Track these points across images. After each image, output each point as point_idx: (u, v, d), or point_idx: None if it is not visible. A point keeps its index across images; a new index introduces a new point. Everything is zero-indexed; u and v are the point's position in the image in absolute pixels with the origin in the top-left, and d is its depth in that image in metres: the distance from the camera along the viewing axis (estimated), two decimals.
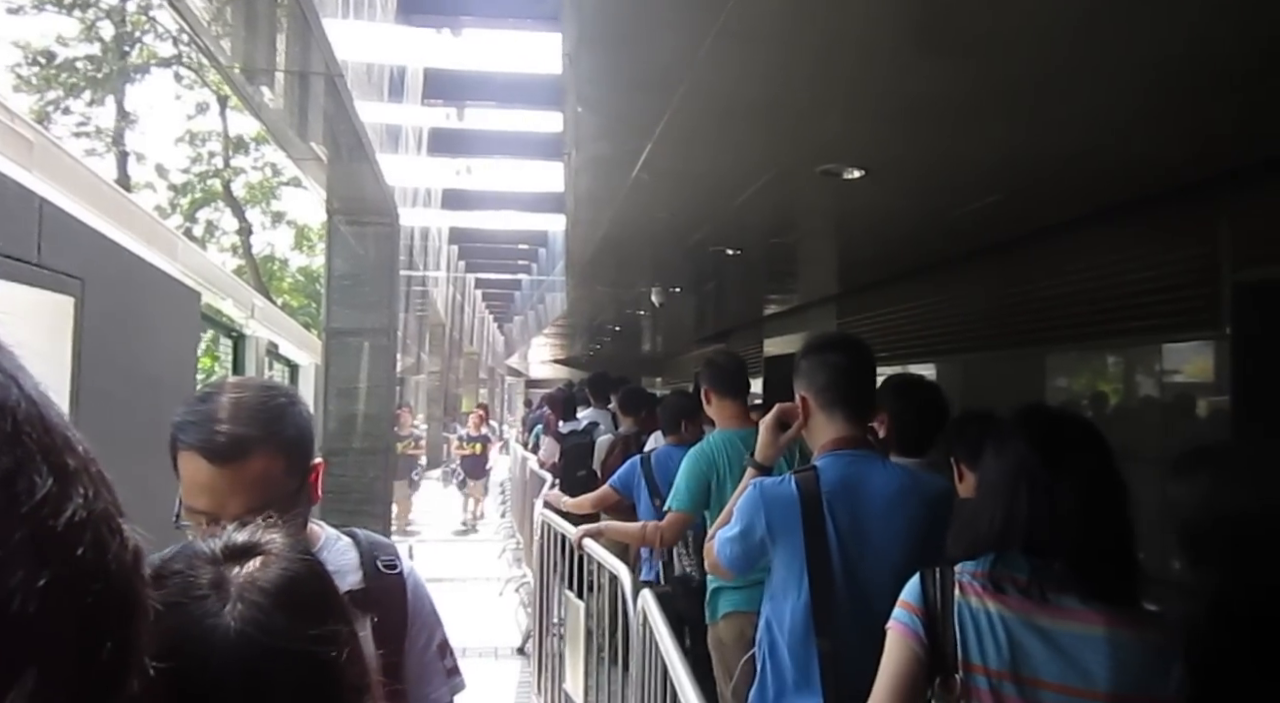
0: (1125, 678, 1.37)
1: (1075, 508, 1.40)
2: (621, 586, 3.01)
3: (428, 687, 1.51)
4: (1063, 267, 5.31)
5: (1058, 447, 1.46)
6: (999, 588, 1.44)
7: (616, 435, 6.01)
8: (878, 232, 5.99)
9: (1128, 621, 1.41)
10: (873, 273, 7.76)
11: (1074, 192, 4.44)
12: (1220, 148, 3.67)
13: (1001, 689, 1.39)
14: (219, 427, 1.30)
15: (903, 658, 1.47)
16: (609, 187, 4.86)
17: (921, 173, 4.17)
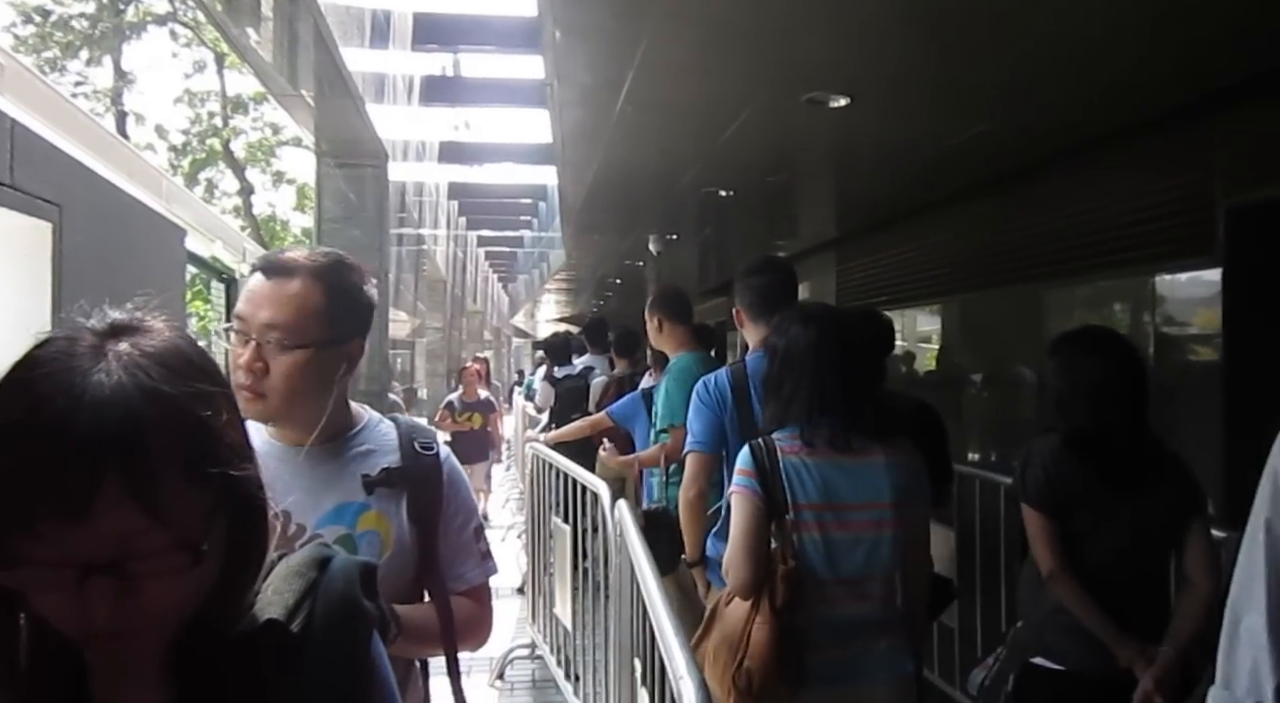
0: (900, 488, 1.90)
1: (862, 379, 1.93)
2: (602, 504, 3.04)
3: (462, 566, 1.56)
4: (1057, 200, 5.26)
5: (842, 336, 1.98)
6: (810, 444, 1.92)
7: (611, 376, 6.03)
8: (870, 167, 5.94)
9: (898, 450, 1.94)
10: (869, 215, 7.71)
11: (1063, 119, 4.38)
12: (1208, 65, 3.61)
13: (822, 517, 1.89)
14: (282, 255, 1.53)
15: (748, 512, 1.90)
16: (595, 121, 4.82)
17: (907, 98, 4.12)
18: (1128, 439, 2.04)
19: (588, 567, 3.58)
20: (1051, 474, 2.08)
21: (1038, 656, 2.09)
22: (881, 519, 1.89)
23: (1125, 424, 2.04)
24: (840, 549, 1.87)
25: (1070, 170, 5.09)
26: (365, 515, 1.48)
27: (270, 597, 0.84)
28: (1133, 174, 4.58)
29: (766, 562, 1.88)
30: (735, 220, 8.04)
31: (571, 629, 3.87)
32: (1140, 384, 2.11)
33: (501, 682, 4.61)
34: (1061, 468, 2.06)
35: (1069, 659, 2.03)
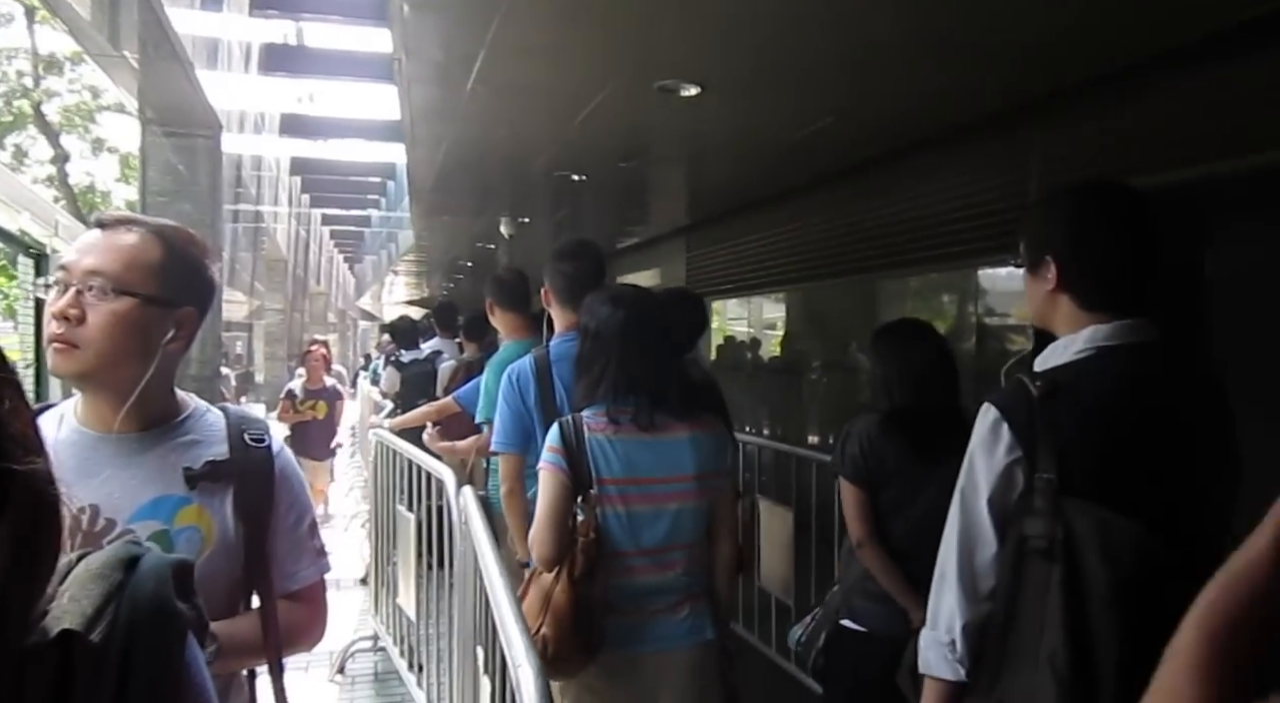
0: (702, 461, 1.99)
1: (668, 360, 2.02)
2: (446, 490, 2.98)
3: (296, 565, 1.49)
4: (892, 195, 5.53)
5: (649, 317, 2.05)
6: (616, 422, 1.98)
7: (459, 361, 5.91)
8: (719, 156, 6.05)
9: (702, 425, 2.03)
10: (719, 204, 7.87)
11: (900, 118, 4.60)
12: (1028, 77, 3.87)
13: (625, 491, 1.96)
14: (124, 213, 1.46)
15: (554, 487, 1.96)
16: (446, 99, 4.69)
17: (755, 91, 4.22)
18: (937, 418, 2.22)
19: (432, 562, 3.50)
20: (867, 451, 2.25)
21: (845, 618, 2.27)
22: (684, 492, 1.97)
23: (941, 404, 2.23)
24: (643, 521, 1.95)
25: (905, 167, 5.36)
26: (185, 510, 1.37)
27: (66, 605, 0.75)
28: (960, 173, 4.86)
29: (570, 535, 1.94)
30: (588, 205, 8.04)
31: (415, 619, 3.79)
32: (953, 369, 2.33)
33: (342, 676, 4.46)
34: (876, 445, 2.24)
35: (871, 622, 2.21)
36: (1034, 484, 1.34)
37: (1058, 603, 1.29)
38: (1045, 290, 1.47)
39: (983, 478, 1.40)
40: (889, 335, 2.41)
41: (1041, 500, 1.32)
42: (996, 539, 1.38)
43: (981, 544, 1.40)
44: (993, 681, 1.36)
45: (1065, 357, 1.42)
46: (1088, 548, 1.29)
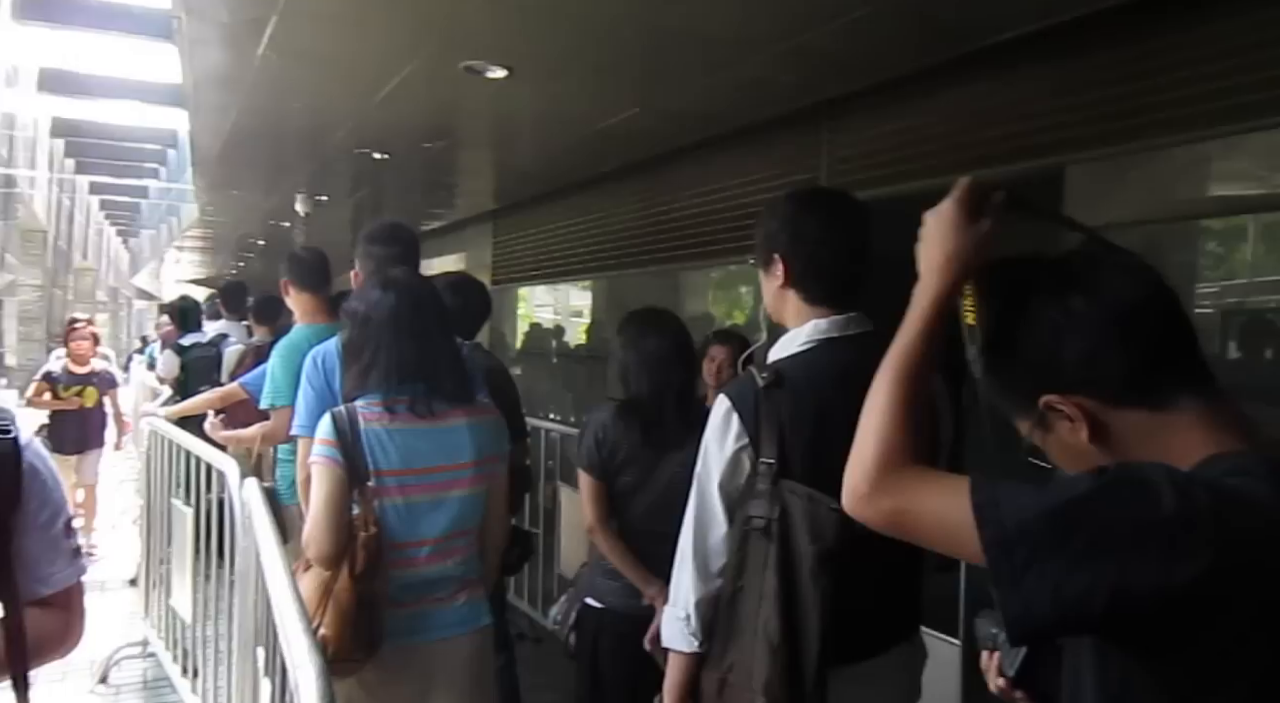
0: (481, 447, 1.97)
1: (443, 346, 1.96)
2: (228, 483, 2.79)
3: (50, 567, 1.35)
4: (695, 187, 5.69)
5: (423, 302, 2.00)
6: (391, 411, 1.91)
7: (249, 345, 5.55)
8: (527, 141, 6.00)
9: (479, 411, 2.01)
10: (527, 189, 7.81)
11: (704, 111, 4.73)
12: (822, 78, 4.08)
13: (404, 482, 1.90)
14: None
15: (330, 482, 1.88)
16: (233, 65, 4.37)
17: (563, 76, 4.21)
18: (675, 404, 2.31)
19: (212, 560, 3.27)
20: (602, 440, 2.33)
21: (589, 596, 2.39)
22: (464, 479, 1.96)
23: (674, 391, 2.32)
24: (423, 512, 1.92)
25: (709, 160, 5.52)
26: None
27: None
28: (759, 168, 5.07)
29: (348, 530, 1.87)
30: (391, 185, 7.75)
31: (191, 621, 3.53)
32: (690, 358, 2.44)
33: (105, 686, 4.09)
34: (611, 434, 2.31)
35: (609, 598, 2.33)
36: (757, 469, 1.46)
37: (773, 577, 1.42)
38: (775, 287, 1.60)
39: (715, 464, 1.50)
40: (628, 324, 2.49)
41: (763, 483, 1.44)
42: (726, 521, 1.49)
43: (713, 526, 1.50)
44: (723, 651, 1.48)
45: (792, 349, 1.55)
46: (797, 526, 1.42)
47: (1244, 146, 2.87)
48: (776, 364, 1.53)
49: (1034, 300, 0.92)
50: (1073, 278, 0.92)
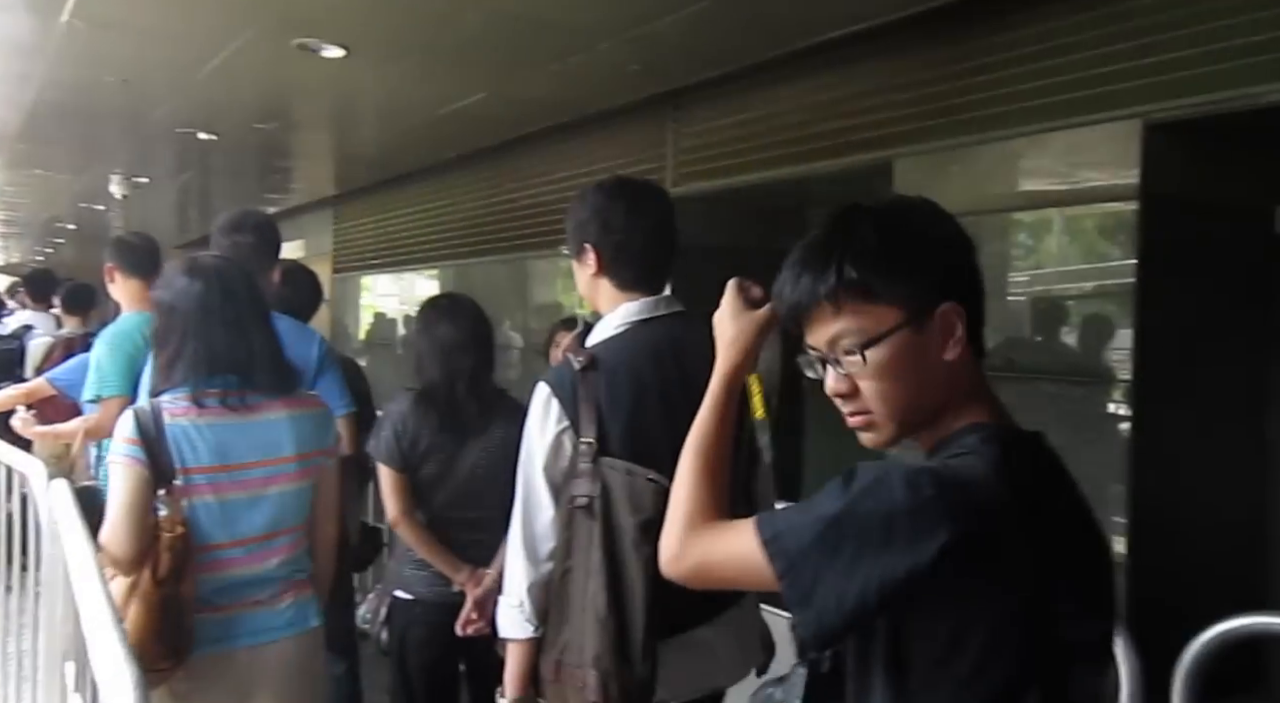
0: (303, 441, 1.87)
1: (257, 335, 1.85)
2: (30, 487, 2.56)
3: None
4: (543, 174, 5.65)
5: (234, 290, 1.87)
6: (200, 405, 1.79)
7: (57, 337, 5.11)
8: (368, 125, 5.80)
9: (300, 403, 1.90)
10: (371, 174, 7.55)
11: (550, 98, 4.70)
12: (667, 68, 4.13)
13: (216, 479, 1.79)
14: None
15: (131, 482, 1.75)
16: (33, 31, 4.00)
17: (404, 58, 4.08)
18: (467, 390, 2.30)
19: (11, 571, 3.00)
20: (400, 433, 2.30)
21: (398, 588, 2.36)
22: (284, 474, 1.86)
23: (467, 377, 2.31)
24: (238, 510, 1.81)
25: (557, 147, 5.50)
26: None
27: None
28: (607, 157, 5.08)
29: (152, 532, 1.75)
30: (220, 167, 7.32)
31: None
32: (486, 345, 2.42)
33: None
34: (410, 426, 2.28)
35: (418, 589, 2.32)
36: (578, 449, 1.49)
37: (597, 553, 1.45)
38: (588, 275, 1.64)
39: (537, 450, 1.53)
40: (422, 312, 2.47)
41: (584, 463, 1.48)
42: (552, 504, 1.52)
43: (540, 510, 1.52)
44: (557, 633, 1.50)
45: (607, 332, 1.60)
46: (618, 500, 1.46)
47: (1049, 144, 3.11)
48: (592, 348, 1.57)
49: (914, 219, 0.98)
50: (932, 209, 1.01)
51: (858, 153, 3.69)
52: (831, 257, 0.93)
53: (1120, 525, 2.88)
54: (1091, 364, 3.01)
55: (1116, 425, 2.90)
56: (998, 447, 0.88)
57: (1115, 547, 2.88)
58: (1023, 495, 0.85)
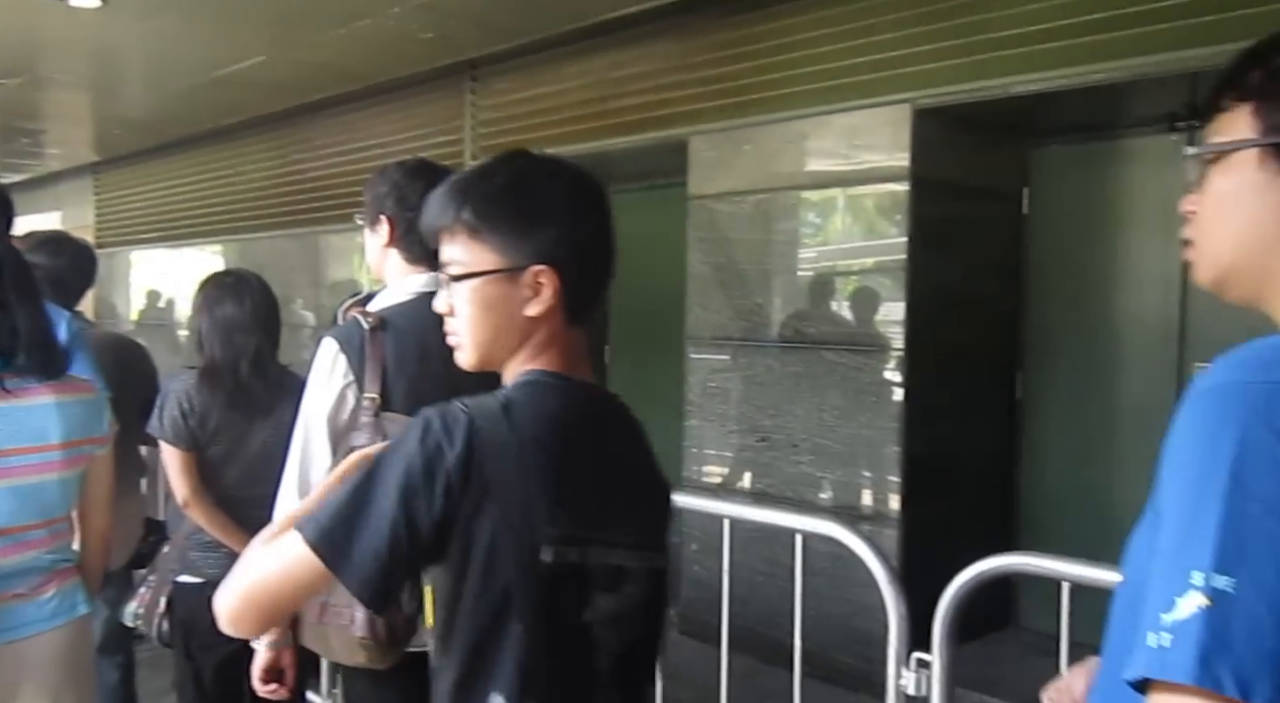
0: (71, 428, 1.80)
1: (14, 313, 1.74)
2: None
3: None
4: (336, 145, 5.38)
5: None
6: None
7: None
8: (135, 85, 5.30)
9: (70, 388, 1.84)
10: (139, 139, 6.90)
11: (338, 64, 4.47)
12: (464, 37, 4.02)
13: None
14: None
15: None
16: None
17: (170, 10, 3.74)
18: (252, 371, 2.29)
19: None
20: (187, 411, 2.27)
21: (183, 574, 2.32)
22: (48, 463, 1.77)
23: (251, 358, 2.30)
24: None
25: (350, 116, 5.24)
26: None
27: None
28: (404, 128, 4.91)
29: None
30: None
31: None
32: (271, 324, 2.41)
33: None
34: (197, 404, 2.26)
35: (208, 571, 2.29)
36: (361, 403, 1.59)
37: None
38: (380, 245, 1.73)
39: (321, 399, 1.60)
40: (204, 289, 2.42)
41: (366, 416, 1.58)
42: (331, 453, 1.59)
43: (317, 458, 1.60)
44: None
45: (395, 299, 1.69)
46: None
47: (832, 126, 3.28)
48: (380, 312, 1.65)
49: (541, 183, 1.03)
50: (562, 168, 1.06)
51: (653, 130, 3.75)
52: (463, 194, 1.01)
53: (895, 484, 3.12)
54: (869, 334, 3.23)
55: (891, 391, 3.13)
56: (527, 390, 0.99)
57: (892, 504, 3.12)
58: (524, 431, 0.95)
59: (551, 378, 1.02)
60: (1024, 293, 3.43)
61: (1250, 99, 0.73)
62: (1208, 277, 0.77)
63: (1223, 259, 0.75)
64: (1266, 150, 0.71)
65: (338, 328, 1.67)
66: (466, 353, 1.05)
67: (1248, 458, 0.58)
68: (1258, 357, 0.63)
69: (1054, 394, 3.38)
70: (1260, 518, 0.57)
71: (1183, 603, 0.57)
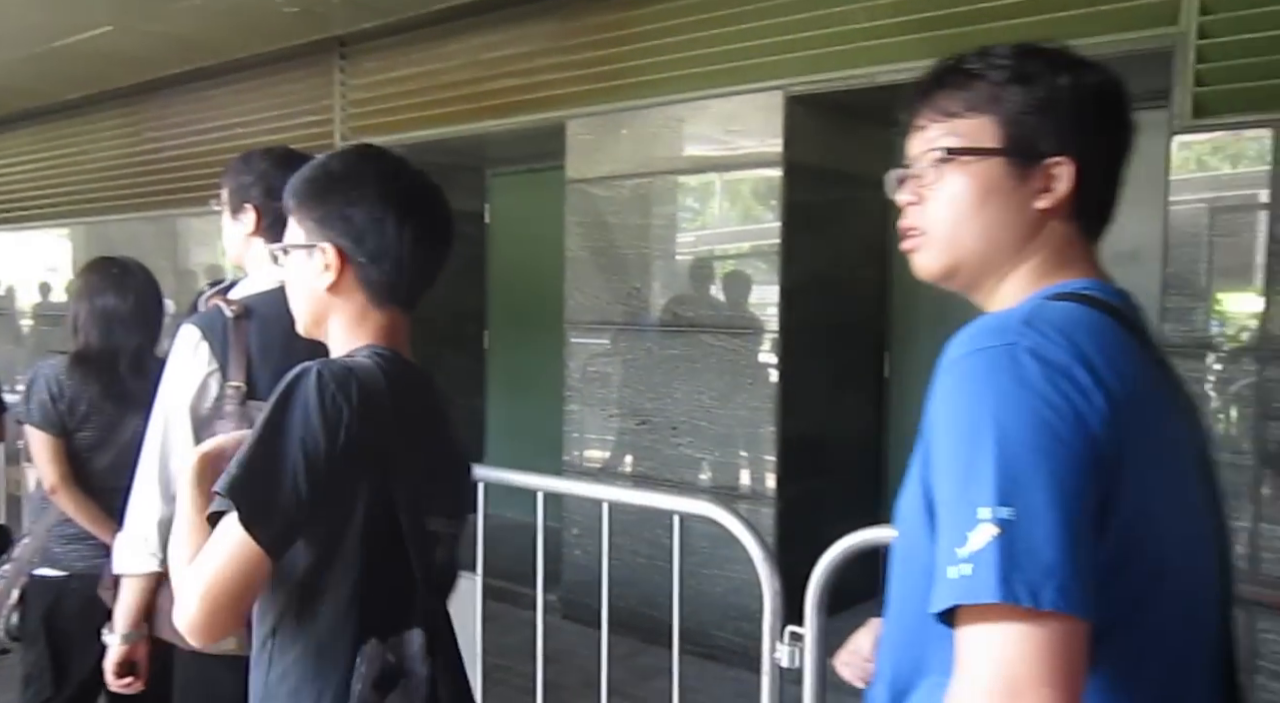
0: None
1: None
2: None
3: None
4: (195, 123, 5.10)
5: None
6: None
7: None
8: None
9: None
10: None
11: (195, 37, 4.23)
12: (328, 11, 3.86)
13: None
14: None
15: None
16: None
17: None
18: (130, 366, 2.25)
19: None
20: (57, 395, 2.23)
21: (41, 567, 2.27)
22: None
23: (130, 353, 2.26)
24: None
25: (208, 93, 4.98)
26: None
27: None
28: (267, 105, 4.69)
29: None
30: None
31: None
32: (153, 315, 2.36)
33: None
34: (68, 388, 2.22)
35: (72, 564, 2.25)
36: (225, 392, 1.58)
37: None
38: (244, 234, 1.72)
39: (182, 389, 1.59)
40: (85, 276, 2.38)
41: (230, 405, 1.57)
42: (194, 442, 1.56)
43: (177, 448, 1.58)
44: None
45: (260, 287, 1.67)
46: None
47: (709, 112, 3.31)
48: (244, 300, 1.63)
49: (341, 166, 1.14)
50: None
51: (530, 112, 3.71)
52: (297, 175, 1.15)
53: (771, 463, 3.19)
54: (745, 317, 3.28)
55: (767, 372, 3.20)
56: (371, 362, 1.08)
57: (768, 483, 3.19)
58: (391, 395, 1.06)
59: (377, 350, 1.10)
60: (890, 275, 3.56)
61: (997, 113, 0.81)
62: (937, 265, 0.85)
63: (960, 254, 0.84)
64: (1012, 161, 0.81)
65: (198, 315, 1.64)
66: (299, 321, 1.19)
67: (1005, 407, 0.68)
68: (990, 327, 0.73)
69: (919, 373, 3.51)
70: (1024, 455, 0.66)
71: (974, 536, 0.65)
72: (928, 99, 0.84)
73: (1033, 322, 0.71)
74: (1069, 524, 0.64)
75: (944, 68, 0.84)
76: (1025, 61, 0.81)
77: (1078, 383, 0.68)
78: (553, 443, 3.79)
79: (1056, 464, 0.66)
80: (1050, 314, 0.73)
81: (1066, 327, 0.71)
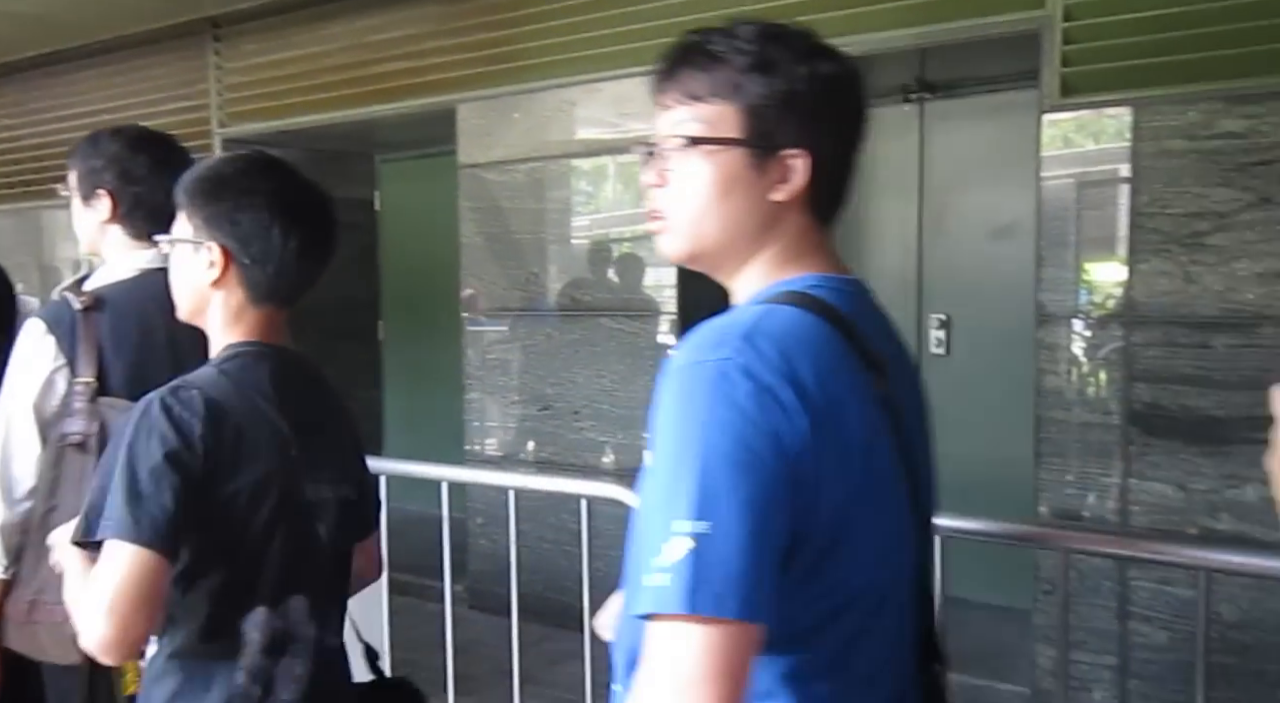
0: None
1: None
2: None
3: None
4: (56, 109, 4.80)
5: None
6: None
7: None
8: None
9: None
10: None
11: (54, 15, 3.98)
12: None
13: None
14: None
15: None
16: None
17: None
18: None
19: None
20: None
21: None
22: None
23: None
24: None
25: (72, 76, 4.70)
26: None
27: None
28: (136, 90, 4.46)
29: None
30: None
31: None
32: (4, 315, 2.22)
33: None
34: None
35: None
36: (74, 388, 1.51)
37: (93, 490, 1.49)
38: (98, 221, 1.64)
39: (26, 387, 1.52)
40: None
41: (79, 402, 1.51)
42: (39, 442, 1.52)
43: (22, 449, 1.53)
44: (34, 571, 1.51)
45: (116, 277, 1.61)
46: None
47: (601, 94, 3.30)
48: (96, 291, 1.57)
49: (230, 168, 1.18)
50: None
51: (419, 97, 3.63)
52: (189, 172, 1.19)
53: None
54: (643, 299, 3.30)
55: (666, 353, 3.23)
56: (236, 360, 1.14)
57: None
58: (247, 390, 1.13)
59: (255, 346, 1.16)
60: None
61: (738, 102, 0.82)
62: (682, 249, 0.87)
63: (704, 240, 0.86)
64: (752, 152, 0.82)
65: (44, 309, 1.58)
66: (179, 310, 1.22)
67: (710, 423, 0.70)
68: (707, 340, 0.75)
69: None
70: (721, 471, 0.69)
71: (669, 548, 0.68)
72: (672, 78, 0.85)
73: (752, 337, 0.74)
74: (757, 536, 0.68)
75: (688, 45, 0.85)
76: (767, 47, 0.81)
77: (783, 404, 0.71)
78: (454, 433, 3.74)
79: (753, 482, 0.69)
80: (771, 326, 0.76)
81: (784, 341, 0.74)
